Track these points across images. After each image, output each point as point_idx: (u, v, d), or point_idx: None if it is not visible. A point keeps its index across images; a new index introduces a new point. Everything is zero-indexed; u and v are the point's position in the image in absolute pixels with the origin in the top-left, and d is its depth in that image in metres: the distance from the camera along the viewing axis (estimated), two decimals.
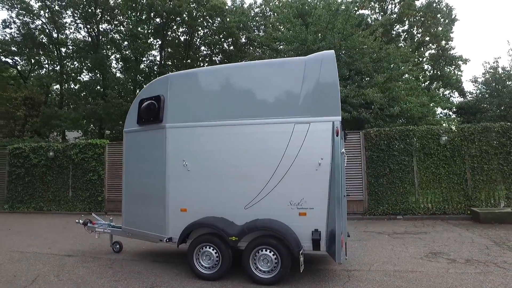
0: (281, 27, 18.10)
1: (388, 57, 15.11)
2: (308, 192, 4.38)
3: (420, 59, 23.61)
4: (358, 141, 9.80)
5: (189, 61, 23.86)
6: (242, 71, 5.06)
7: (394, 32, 23.98)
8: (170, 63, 24.56)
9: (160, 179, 5.11)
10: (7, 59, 20.19)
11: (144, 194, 5.41)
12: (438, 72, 25.26)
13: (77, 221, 6.40)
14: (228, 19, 22.22)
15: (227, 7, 23.47)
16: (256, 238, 4.42)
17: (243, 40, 24.99)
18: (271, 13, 22.70)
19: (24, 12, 19.74)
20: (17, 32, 20.24)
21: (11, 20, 19.88)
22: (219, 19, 23.13)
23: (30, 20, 20.23)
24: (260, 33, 22.97)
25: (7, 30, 19.82)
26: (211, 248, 4.60)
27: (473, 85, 22.25)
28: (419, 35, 23.86)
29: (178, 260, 5.52)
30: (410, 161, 9.37)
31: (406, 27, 24.21)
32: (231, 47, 25.24)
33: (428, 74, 25.44)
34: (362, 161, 9.68)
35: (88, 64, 20.48)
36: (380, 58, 15.13)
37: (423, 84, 24.05)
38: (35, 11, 20.13)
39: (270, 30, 18.38)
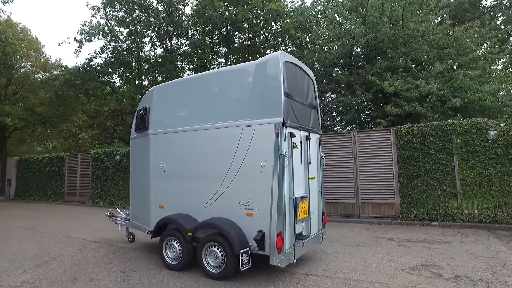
0: (344, 21, 17.38)
1: (455, 42, 13.17)
2: (254, 193, 4.49)
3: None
4: (389, 139, 8.96)
5: None
6: (203, 80, 5.41)
7: (481, 9, 20.50)
8: None
9: (146, 179, 5.84)
10: (103, 79, 24.49)
11: (138, 192, 6.26)
12: None
13: (106, 214, 7.66)
14: (285, 21, 22.41)
15: (286, 9, 23.65)
16: (208, 235, 4.72)
17: (307, 39, 24.77)
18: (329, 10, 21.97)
19: (114, 38, 23.68)
20: (110, 55, 24.38)
21: (105, 47, 24.06)
22: (279, 21, 23.50)
23: (119, 45, 24.11)
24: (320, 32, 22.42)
25: (103, 55, 24.05)
26: (175, 241, 5.08)
27: None
28: None
29: None
30: (450, 160, 8.16)
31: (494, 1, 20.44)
32: (293, 48, 25.28)
33: None
34: (394, 161, 8.83)
35: (160, 76, 23.28)
36: (446, 44, 13.29)
37: None
38: (122, 37, 23.91)
39: (319, 29, 17.93)
